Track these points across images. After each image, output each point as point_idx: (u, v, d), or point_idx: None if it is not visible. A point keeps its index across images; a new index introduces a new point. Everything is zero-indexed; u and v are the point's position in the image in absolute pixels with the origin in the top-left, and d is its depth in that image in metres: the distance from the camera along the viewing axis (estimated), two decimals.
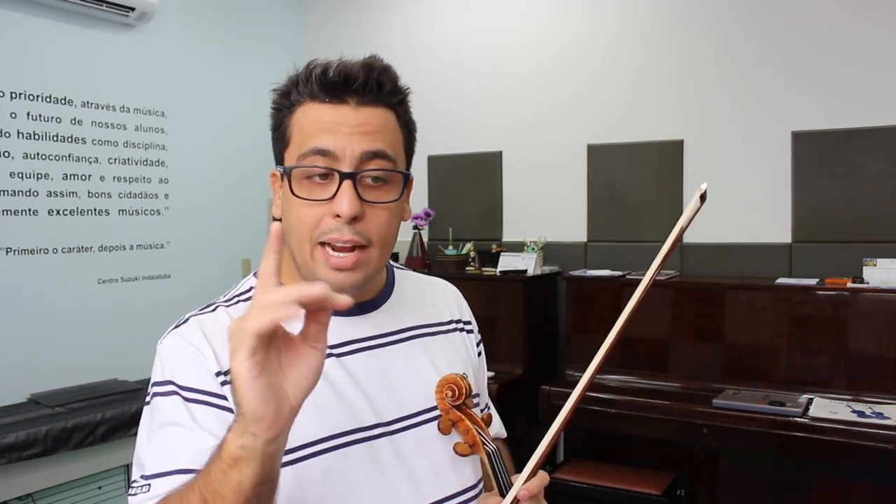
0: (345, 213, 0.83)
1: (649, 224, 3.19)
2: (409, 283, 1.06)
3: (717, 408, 2.51)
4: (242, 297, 0.95)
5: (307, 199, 0.85)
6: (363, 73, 0.86)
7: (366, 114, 0.87)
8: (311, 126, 0.86)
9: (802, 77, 2.89)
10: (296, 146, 0.88)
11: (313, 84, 0.87)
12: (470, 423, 0.91)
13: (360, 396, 0.90)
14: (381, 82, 0.88)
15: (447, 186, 3.76)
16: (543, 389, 2.89)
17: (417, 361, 0.97)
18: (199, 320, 0.89)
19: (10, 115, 2.84)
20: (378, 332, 0.95)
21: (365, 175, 0.86)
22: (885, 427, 2.24)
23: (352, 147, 0.85)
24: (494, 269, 3.26)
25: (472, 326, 1.12)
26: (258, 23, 3.92)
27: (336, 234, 0.84)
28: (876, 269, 2.60)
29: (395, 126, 0.90)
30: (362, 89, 0.86)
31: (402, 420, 0.92)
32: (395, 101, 0.91)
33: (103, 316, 3.14)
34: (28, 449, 2.39)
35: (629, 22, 3.25)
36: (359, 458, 0.87)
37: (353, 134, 0.85)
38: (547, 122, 3.47)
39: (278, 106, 0.91)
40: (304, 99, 0.88)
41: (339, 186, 0.84)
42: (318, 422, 0.85)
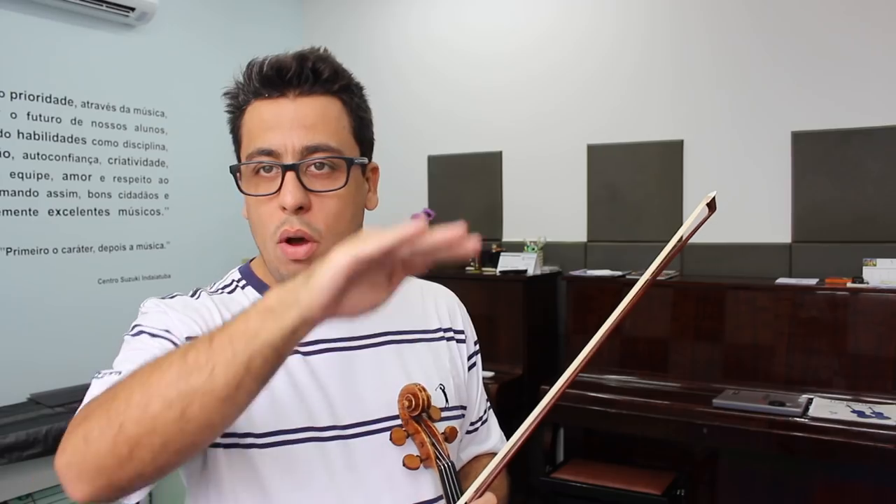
0: (288, 204, 0.84)
1: (649, 224, 3.19)
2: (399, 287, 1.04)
3: (717, 408, 2.51)
4: (225, 289, 0.96)
5: (254, 195, 0.88)
6: (296, 64, 0.86)
7: (304, 105, 0.87)
8: (255, 126, 0.88)
9: (802, 77, 2.89)
10: (244, 147, 0.90)
11: (253, 81, 0.88)
12: (426, 437, 0.88)
13: (320, 396, 0.88)
14: (318, 69, 0.87)
15: (447, 186, 3.76)
16: (543, 389, 2.88)
17: (388, 367, 0.94)
18: (184, 299, 0.92)
19: (10, 115, 2.84)
20: (351, 333, 0.93)
21: (308, 164, 0.86)
22: (884, 427, 2.24)
23: (292, 142, 0.85)
24: (494, 269, 3.26)
25: (465, 336, 1.08)
26: (258, 23, 3.92)
27: (286, 227, 0.85)
28: (876, 269, 2.60)
29: (338, 113, 0.89)
30: (297, 80, 0.86)
31: (361, 425, 0.89)
32: (337, 87, 0.89)
33: (103, 316, 3.13)
34: (28, 449, 2.39)
35: (629, 22, 3.25)
36: (308, 457, 0.86)
37: (292, 128, 0.85)
38: (547, 122, 3.47)
39: (230, 109, 0.93)
40: (249, 99, 0.89)
41: (283, 179, 0.85)
42: (272, 415, 0.85)
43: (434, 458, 0.88)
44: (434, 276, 1.47)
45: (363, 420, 0.90)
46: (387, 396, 0.92)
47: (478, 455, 1.10)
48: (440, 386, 0.97)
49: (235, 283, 0.97)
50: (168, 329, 0.85)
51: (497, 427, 1.15)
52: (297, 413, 0.87)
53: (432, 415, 0.91)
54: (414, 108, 3.85)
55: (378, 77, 3.95)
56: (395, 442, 0.89)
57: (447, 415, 0.96)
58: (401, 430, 0.89)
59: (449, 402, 0.97)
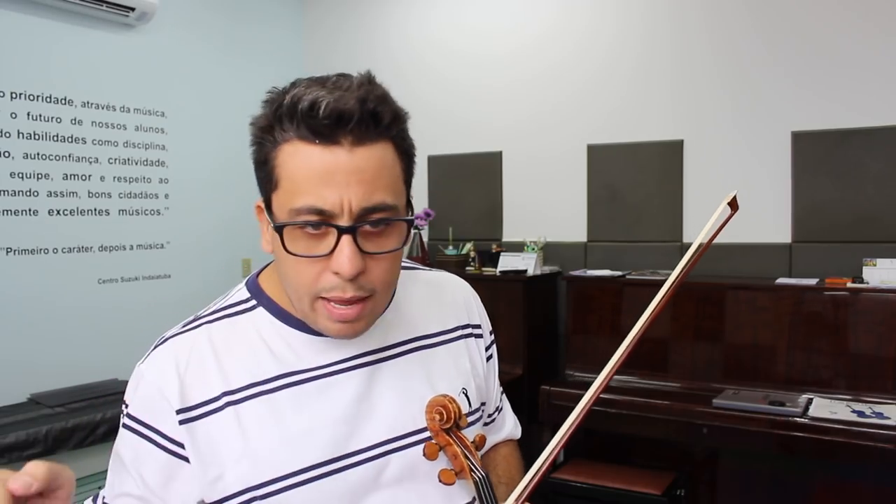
0: (345, 272, 0.75)
1: (649, 224, 3.19)
2: (413, 288, 0.99)
3: (717, 408, 2.51)
4: (229, 310, 0.89)
5: (303, 255, 0.77)
6: (358, 110, 0.74)
7: (362, 156, 0.75)
8: (302, 174, 0.75)
9: (802, 77, 2.89)
10: (286, 195, 0.77)
11: (299, 123, 0.75)
12: (458, 448, 0.84)
13: (342, 421, 0.85)
14: (379, 115, 0.77)
15: (447, 186, 3.76)
16: (543, 389, 2.89)
17: (411, 378, 0.91)
18: (176, 347, 0.85)
19: (10, 115, 2.84)
20: (372, 347, 0.89)
21: (364, 225, 0.77)
22: (884, 427, 2.24)
23: (349, 201, 0.75)
24: (494, 269, 3.26)
25: (482, 330, 1.05)
26: (258, 23, 3.92)
27: (338, 293, 0.77)
28: (876, 269, 2.60)
29: (393, 160, 0.79)
30: (358, 128, 0.75)
31: (390, 442, 0.87)
32: (395, 132, 0.80)
33: (103, 316, 3.14)
34: (28, 449, 2.39)
35: (629, 22, 3.25)
36: (334, 489, 0.83)
37: (349, 185, 0.74)
38: (547, 122, 3.47)
39: (260, 140, 0.79)
40: (289, 136, 0.76)
41: (338, 242, 0.75)
42: (290, 455, 0.82)
43: (468, 471, 0.84)
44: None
45: (392, 437, 0.87)
46: (414, 409, 0.88)
47: (495, 444, 1.10)
48: (463, 390, 0.95)
49: (242, 305, 0.90)
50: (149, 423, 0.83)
51: (511, 413, 1.14)
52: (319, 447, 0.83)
53: (461, 424, 0.87)
54: (414, 109, 3.79)
55: (378, 77, 3.93)
56: (429, 457, 0.84)
57: (472, 419, 0.95)
58: (433, 444, 0.85)
59: (472, 405, 0.96)
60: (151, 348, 0.87)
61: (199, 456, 0.81)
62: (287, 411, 0.83)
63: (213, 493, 0.81)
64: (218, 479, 0.81)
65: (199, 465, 0.81)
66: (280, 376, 0.84)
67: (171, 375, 0.82)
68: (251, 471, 0.81)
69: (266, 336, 0.87)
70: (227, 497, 0.81)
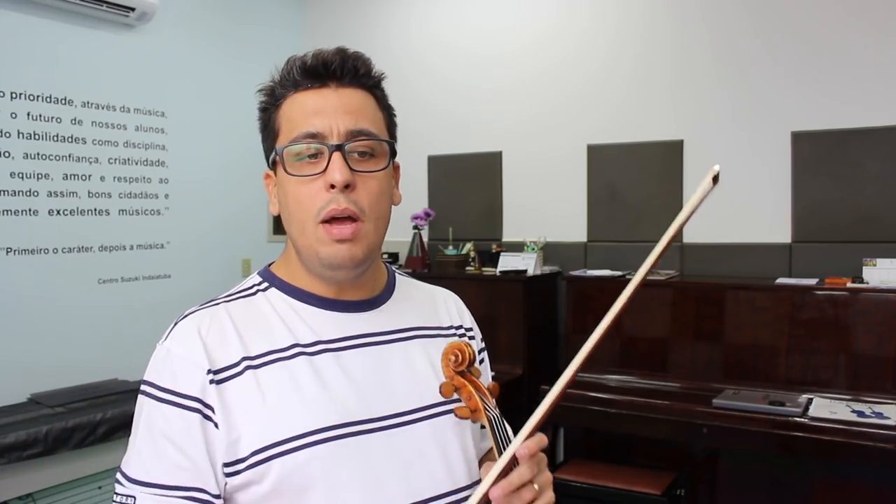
0: (338, 181, 0.87)
1: (649, 224, 3.19)
2: (410, 287, 1.08)
3: (716, 408, 2.51)
4: (244, 293, 0.97)
5: (300, 175, 0.90)
6: (339, 58, 0.92)
7: (347, 95, 0.92)
8: (298, 113, 0.92)
9: (802, 77, 2.89)
10: (285, 134, 0.92)
11: (295, 74, 0.93)
12: (473, 389, 0.91)
13: (353, 392, 0.91)
14: (356, 66, 0.93)
15: (447, 186, 3.76)
16: (543, 389, 2.88)
17: (416, 360, 0.98)
18: (197, 318, 0.91)
19: (10, 115, 2.84)
20: (378, 329, 0.97)
21: (352, 148, 0.90)
22: (884, 427, 2.24)
23: (337, 125, 0.90)
24: (494, 269, 3.26)
25: (474, 333, 1.13)
26: (257, 23, 3.92)
27: (333, 205, 0.88)
28: (876, 269, 2.60)
29: (374, 106, 0.96)
30: (340, 71, 0.92)
31: (396, 416, 0.92)
32: (371, 83, 0.96)
33: (103, 316, 3.14)
34: (28, 449, 2.39)
35: (629, 22, 3.25)
36: (346, 452, 0.87)
37: (336, 113, 0.90)
38: (547, 123, 3.47)
39: (265, 105, 0.96)
40: (288, 92, 0.94)
41: (330, 158, 0.89)
42: (306, 415, 0.87)
43: (482, 410, 0.89)
44: (434, 276, 1.47)
45: (398, 411, 0.93)
46: (419, 388, 0.96)
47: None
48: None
49: (256, 287, 0.98)
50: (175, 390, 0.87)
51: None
52: (332, 411, 0.88)
53: (474, 372, 0.94)
54: (414, 108, 3.85)
55: None
56: (445, 395, 0.92)
57: None
58: (450, 384, 0.92)
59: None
60: (171, 326, 0.92)
61: (225, 417, 0.86)
62: (303, 377, 0.89)
63: (233, 454, 0.85)
64: (238, 441, 0.85)
65: (225, 427, 0.85)
66: (294, 345, 0.91)
67: (197, 343, 0.88)
68: (268, 430, 0.85)
69: (280, 311, 0.94)
70: (244, 458, 0.85)
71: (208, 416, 0.85)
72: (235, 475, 0.85)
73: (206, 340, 0.88)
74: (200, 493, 0.85)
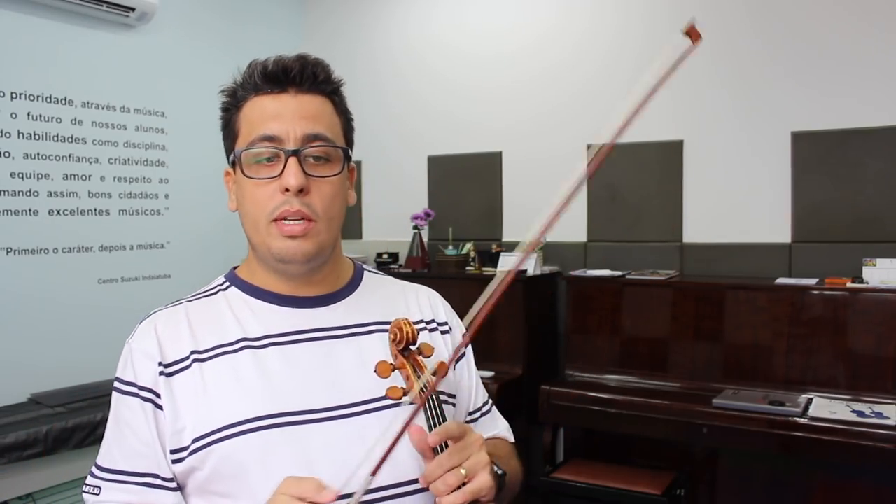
0: (292, 185, 0.91)
1: (649, 224, 3.19)
2: (378, 283, 1.11)
3: (716, 408, 2.51)
4: (207, 293, 1.04)
5: (257, 177, 0.94)
6: (299, 65, 0.96)
7: (304, 100, 0.96)
8: (257, 116, 0.95)
9: (802, 77, 2.89)
10: (244, 136, 0.96)
11: (256, 78, 0.97)
12: (411, 370, 0.91)
13: (296, 383, 0.94)
14: (316, 72, 0.97)
15: (447, 186, 3.76)
16: (543, 389, 2.89)
17: (369, 355, 0.98)
18: (156, 316, 1.00)
19: (10, 115, 2.84)
20: (331, 324, 1.00)
21: (307, 153, 0.94)
22: (884, 427, 2.24)
23: (294, 130, 0.93)
24: (494, 269, 3.26)
25: (451, 327, 1.11)
26: (257, 24, 3.92)
27: (286, 207, 0.92)
28: (876, 269, 2.60)
29: (332, 112, 0.99)
30: (299, 78, 0.95)
31: (340, 408, 0.94)
32: (330, 89, 0.99)
33: (103, 316, 3.13)
34: (28, 449, 2.39)
35: (629, 22, 3.25)
36: (282, 440, 0.90)
37: (294, 118, 0.94)
38: (547, 123, 3.47)
39: (227, 106, 1.01)
40: (249, 95, 0.98)
41: (286, 163, 0.92)
42: (242, 404, 0.91)
43: (418, 392, 0.88)
44: (434, 276, 1.47)
45: (342, 403, 0.94)
46: (367, 382, 0.96)
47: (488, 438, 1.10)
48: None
49: (218, 287, 1.05)
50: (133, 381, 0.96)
51: (503, 420, 1.18)
52: (269, 401, 0.92)
53: (423, 350, 0.94)
54: (414, 109, 3.85)
55: (378, 77, 3.95)
56: (380, 374, 0.92)
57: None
58: (385, 362, 0.92)
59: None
60: (136, 325, 1.00)
61: (172, 407, 0.92)
62: (246, 369, 0.94)
63: (178, 442, 0.92)
64: (183, 430, 0.92)
65: (172, 416, 0.92)
66: (242, 339, 0.96)
67: (153, 339, 0.96)
68: (207, 419, 0.91)
69: (236, 308, 1.00)
70: (186, 446, 0.91)
71: (159, 406, 0.93)
72: (180, 462, 0.92)
73: (160, 337, 0.96)
74: (155, 478, 0.93)
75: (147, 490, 0.93)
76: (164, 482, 0.93)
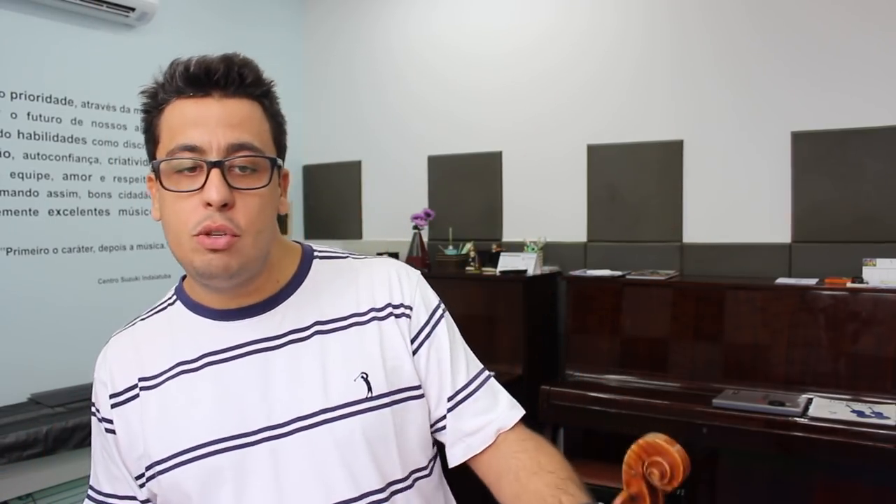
0: (214, 200, 0.84)
1: (649, 224, 3.19)
2: (327, 274, 1.02)
3: (716, 408, 2.51)
4: (157, 309, 1.03)
5: (177, 190, 0.87)
6: (223, 66, 0.88)
7: (230, 105, 0.88)
8: (178, 122, 0.88)
9: (802, 77, 2.89)
10: (164, 144, 0.89)
11: (177, 81, 0.89)
12: None
13: (229, 407, 0.91)
14: (243, 74, 0.89)
15: (447, 186, 3.76)
16: (543, 389, 2.89)
17: (304, 364, 0.93)
18: (112, 342, 1.01)
19: (10, 115, 2.84)
20: (267, 334, 0.94)
21: (232, 164, 0.87)
22: (884, 427, 2.24)
23: (217, 139, 0.86)
24: (494, 269, 3.26)
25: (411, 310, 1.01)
26: (257, 24, 3.92)
27: (208, 222, 0.85)
28: (876, 269, 2.60)
29: (260, 117, 0.91)
30: (224, 81, 0.88)
31: (270, 429, 0.90)
32: (259, 92, 0.92)
33: (103, 316, 3.13)
34: (28, 449, 2.39)
35: (629, 22, 3.25)
36: (217, 468, 0.89)
37: (217, 126, 0.86)
38: (547, 123, 3.47)
39: (147, 108, 0.93)
40: (170, 98, 0.90)
41: (208, 176, 0.85)
42: (184, 433, 0.91)
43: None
44: (434, 276, 1.48)
45: (277, 423, 0.91)
46: (302, 394, 0.92)
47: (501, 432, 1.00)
48: (362, 374, 0.94)
49: (166, 302, 1.03)
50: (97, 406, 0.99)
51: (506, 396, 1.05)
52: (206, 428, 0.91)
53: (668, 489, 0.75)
54: (414, 109, 3.85)
55: (378, 77, 3.95)
56: None
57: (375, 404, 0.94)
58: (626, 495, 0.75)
59: (373, 391, 0.94)
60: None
61: (126, 435, 0.94)
62: (184, 396, 0.93)
63: (138, 469, 0.94)
64: (140, 457, 0.93)
65: (126, 443, 0.94)
66: (179, 364, 0.95)
67: (105, 368, 0.98)
68: (154, 448, 0.92)
69: (176, 327, 0.98)
70: (143, 473, 0.93)
71: (116, 434, 0.95)
72: (143, 487, 0.95)
73: (111, 365, 0.97)
74: (133, 501, 0.96)
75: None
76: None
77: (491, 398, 1.03)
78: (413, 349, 1.00)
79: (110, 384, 0.96)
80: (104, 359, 0.99)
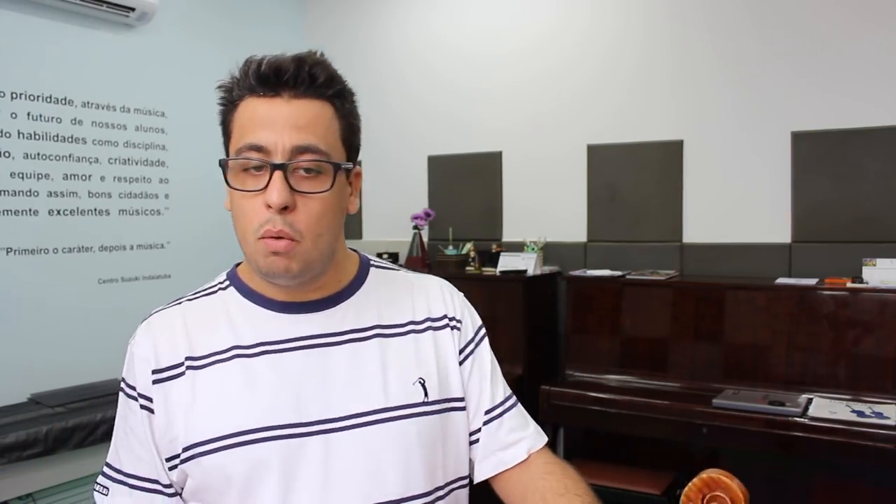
0: (274, 203, 0.85)
1: (649, 224, 3.19)
2: (384, 281, 1.05)
3: (716, 408, 2.51)
4: (207, 291, 1.02)
5: (241, 189, 0.89)
6: (294, 66, 0.88)
7: (298, 106, 0.88)
8: (247, 121, 0.89)
9: (802, 77, 2.89)
10: (234, 141, 0.91)
11: (249, 79, 0.90)
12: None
13: (286, 395, 0.91)
14: (314, 74, 0.89)
15: (447, 186, 3.76)
16: (543, 389, 2.89)
17: (365, 363, 0.95)
18: (155, 318, 0.98)
19: (10, 115, 2.84)
20: (328, 330, 0.96)
21: (296, 166, 0.87)
22: (884, 427, 2.24)
23: (283, 141, 0.86)
24: (494, 269, 3.26)
25: (463, 321, 1.06)
26: (258, 23, 3.92)
27: (269, 226, 0.87)
28: (876, 269, 2.60)
29: (330, 118, 0.91)
30: (293, 81, 0.88)
31: (329, 422, 0.91)
32: (331, 93, 0.91)
33: (103, 316, 3.13)
34: (28, 449, 2.39)
35: (629, 22, 3.25)
36: (268, 455, 0.88)
37: (284, 127, 0.87)
38: (547, 123, 3.47)
39: (223, 102, 0.94)
40: (244, 94, 0.91)
41: (271, 177, 0.86)
42: (233, 417, 0.90)
43: None
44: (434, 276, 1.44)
45: (333, 416, 0.91)
46: (360, 392, 0.93)
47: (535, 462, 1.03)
48: (420, 380, 0.98)
49: (218, 286, 1.02)
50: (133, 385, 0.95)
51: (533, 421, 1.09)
52: (259, 414, 0.90)
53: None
54: (414, 109, 3.85)
55: (378, 77, 3.95)
56: None
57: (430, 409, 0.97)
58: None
59: (429, 397, 0.97)
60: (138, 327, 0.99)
61: (165, 415, 0.92)
62: (234, 380, 0.92)
63: (171, 450, 0.92)
64: (176, 438, 0.91)
65: (165, 424, 0.92)
66: (234, 347, 0.94)
67: (149, 343, 0.95)
68: (196, 430, 0.90)
69: (232, 311, 0.97)
70: (178, 454, 0.91)
71: (154, 412, 0.92)
72: (173, 469, 0.92)
73: (156, 341, 0.95)
74: (155, 483, 0.93)
75: (149, 496, 0.93)
76: (163, 488, 0.93)
77: (522, 419, 1.07)
78: (459, 360, 1.04)
79: (154, 360, 0.93)
80: (147, 333, 0.96)
